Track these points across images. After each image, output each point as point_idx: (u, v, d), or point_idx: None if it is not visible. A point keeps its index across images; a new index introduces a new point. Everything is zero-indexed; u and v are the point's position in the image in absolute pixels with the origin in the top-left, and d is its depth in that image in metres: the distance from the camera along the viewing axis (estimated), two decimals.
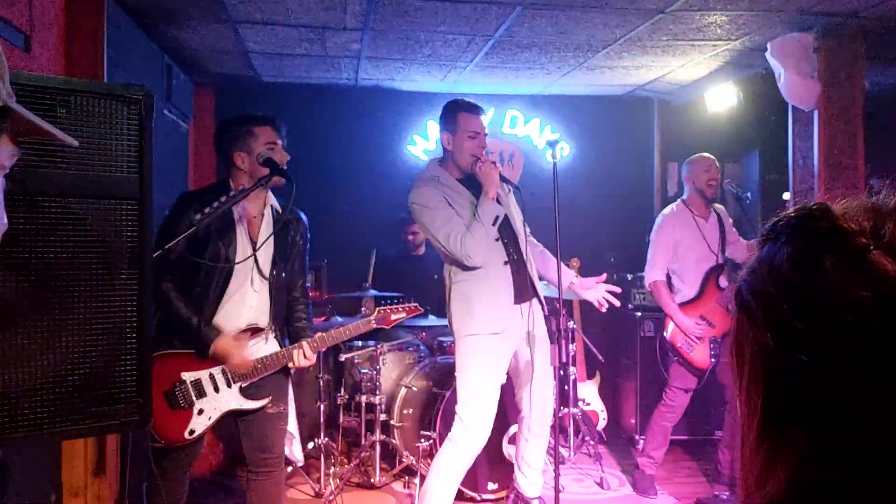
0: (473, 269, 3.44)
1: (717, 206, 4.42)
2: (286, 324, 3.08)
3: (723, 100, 5.42)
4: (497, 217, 3.38)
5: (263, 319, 2.95)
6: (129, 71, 3.83)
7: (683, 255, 4.23)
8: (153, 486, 2.87)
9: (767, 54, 4.23)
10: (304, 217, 3.13)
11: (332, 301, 5.15)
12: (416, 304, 3.31)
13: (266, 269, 2.93)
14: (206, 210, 2.64)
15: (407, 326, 4.97)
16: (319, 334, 3.02)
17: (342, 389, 4.68)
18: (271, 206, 2.99)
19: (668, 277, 4.29)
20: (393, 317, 3.22)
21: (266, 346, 2.96)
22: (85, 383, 1.58)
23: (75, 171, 1.56)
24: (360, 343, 4.74)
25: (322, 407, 4.36)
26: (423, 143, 5.93)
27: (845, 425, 0.58)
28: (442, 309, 4.62)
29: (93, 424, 1.59)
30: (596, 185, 6.01)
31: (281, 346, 2.99)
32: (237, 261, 2.84)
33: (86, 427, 1.58)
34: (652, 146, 6.25)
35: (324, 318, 4.56)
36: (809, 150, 4.30)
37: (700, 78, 5.35)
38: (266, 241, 2.92)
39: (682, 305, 4.20)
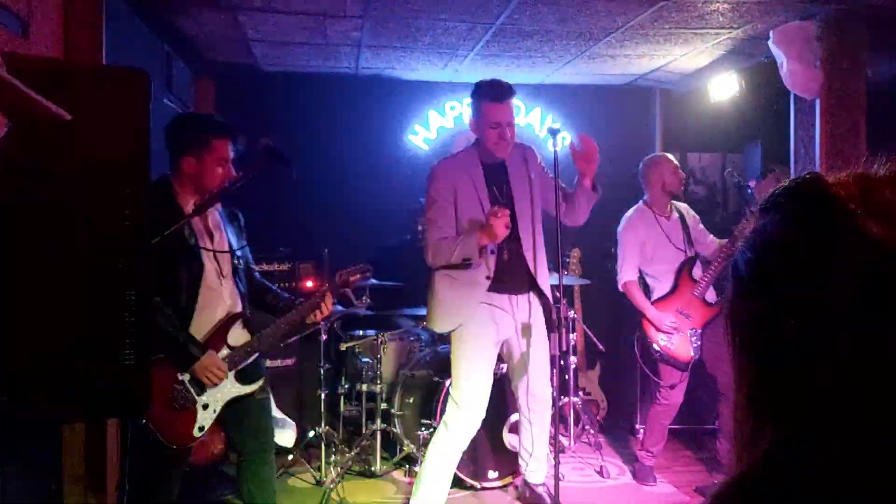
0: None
1: (679, 203, 4.45)
2: (261, 301, 3.15)
3: (725, 89, 5.40)
4: (467, 259, 3.40)
5: (236, 306, 2.99)
6: (129, 59, 3.80)
7: (651, 256, 4.28)
8: (149, 484, 2.88)
9: (770, 43, 4.21)
10: (240, 214, 3.18)
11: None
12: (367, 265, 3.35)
13: (226, 258, 2.97)
14: (215, 192, 2.71)
15: (408, 316, 4.98)
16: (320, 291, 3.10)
17: (343, 378, 4.68)
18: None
19: (643, 279, 4.33)
20: (351, 278, 3.25)
21: (243, 332, 3.00)
22: (83, 368, 1.58)
23: (71, 154, 1.55)
24: (360, 332, 4.75)
25: (323, 396, 4.37)
26: (423, 132, 5.92)
27: (834, 389, 0.59)
28: None
29: (90, 410, 1.59)
30: (597, 175, 5.97)
31: (250, 333, 3.02)
32: (202, 249, 2.87)
33: (82, 412, 1.58)
34: (653, 136, 6.22)
35: None
36: (811, 139, 4.28)
37: (702, 67, 5.33)
38: (220, 231, 2.99)
39: (659, 301, 4.23)
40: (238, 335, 2.98)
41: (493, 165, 3.55)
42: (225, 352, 2.91)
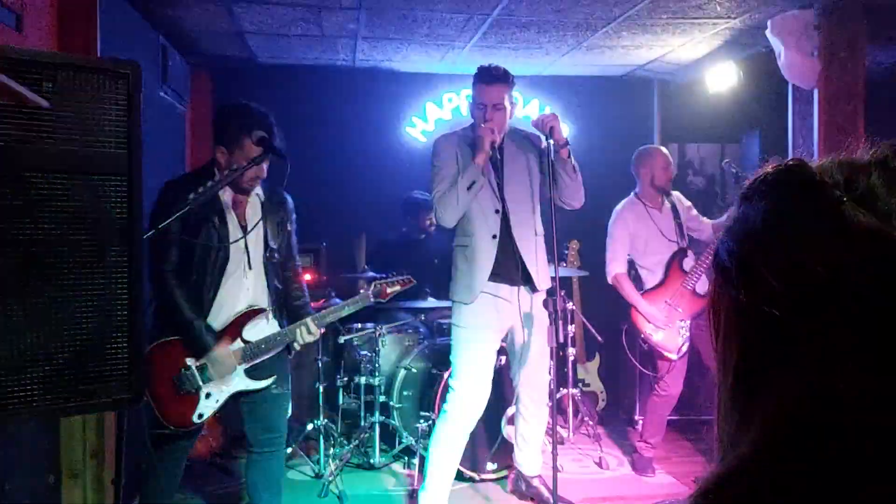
0: (466, 236, 3.53)
1: (672, 192, 4.47)
2: (284, 303, 3.10)
3: (723, 79, 5.38)
4: (473, 182, 3.41)
5: (262, 300, 2.97)
6: (124, 52, 3.77)
7: (642, 248, 4.30)
8: (150, 469, 2.91)
9: (767, 32, 4.19)
10: (290, 199, 3.14)
11: (331, 283, 5.15)
12: (409, 277, 3.31)
13: (259, 251, 2.96)
14: (200, 189, 2.65)
15: (406, 308, 4.97)
16: (322, 311, 3.06)
17: (341, 371, 4.68)
18: (256, 193, 3.00)
19: (635, 271, 4.35)
20: (388, 290, 3.22)
21: (267, 327, 2.98)
22: (75, 361, 1.57)
23: (62, 147, 1.54)
24: (359, 325, 4.75)
25: (321, 388, 4.37)
26: (421, 124, 5.90)
27: (817, 380, 0.58)
28: (440, 291, 4.64)
29: (83, 402, 1.58)
30: (595, 166, 5.94)
31: (280, 326, 3.01)
32: (230, 242, 2.86)
33: (76, 404, 1.58)
34: (652, 127, 6.21)
35: (322, 301, 4.56)
36: (810, 129, 4.27)
37: (700, 57, 5.31)
38: (256, 224, 2.95)
39: (648, 292, 4.24)
40: (260, 329, 2.95)
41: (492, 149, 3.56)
42: (239, 345, 2.90)
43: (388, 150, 5.82)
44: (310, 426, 4.39)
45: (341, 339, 4.63)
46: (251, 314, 2.93)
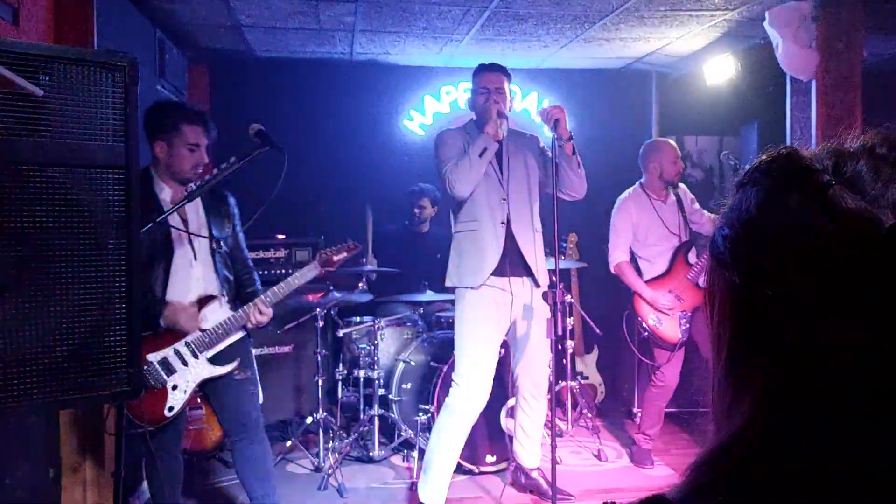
0: (473, 220, 3.55)
1: (679, 185, 4.47)
2: (237, 292, 3.14)
3: (721, 72, 5.37)
4: (485, 149, 3.47)
5: (212, 289, 3.02)
6: (120, 45, 3.78)
7: (644, 238, 4.31)
8: (150, 464, 2.94)
9: (765, 24, 4.18)
10: (230, 195, 3.18)
11: (331, 277, 5.14)
12: (355, 242, 3.32)
13: (203, 243, 3.00)
14: (207, 178, 2.73)
15: (405, 302, 4.97)
16: (271, 289, 3.07)
17: (340, 364, 4.69)
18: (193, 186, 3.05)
19: (634, 260, 4.35)
20: (335, 258, 3.23)
21: (221, 313, 3.02)
22: (74, 354, 1.57)
23: (60, 140, 1.54)
24: (357, 318, 4.75)
25: (320, 382, 4.37)
26: (419, 117, 5.89)
27: (807, 356, 0.59)
28: (440, 285, 4.64)
29: (83, 395, 1.59)
30: (594, 159, 5.93)
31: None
32: (174, 237, 2.90)
33: (75, 398, 1.58)
34: (650, 119, 6.20)
35: (322, 295, 4.56)
36: (808, 121, 4.26)
37: (698, 50, 5.30)
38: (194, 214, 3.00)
39: (651, 281, 4.26)
40: (214, 317, 3.00)
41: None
42: (197, 334, 2.94)
43: (385, 144, 5.81)
44: (309, 420, 4.40)
45: (340, 333, 4.63)
46: (203, 302, 2.98)
